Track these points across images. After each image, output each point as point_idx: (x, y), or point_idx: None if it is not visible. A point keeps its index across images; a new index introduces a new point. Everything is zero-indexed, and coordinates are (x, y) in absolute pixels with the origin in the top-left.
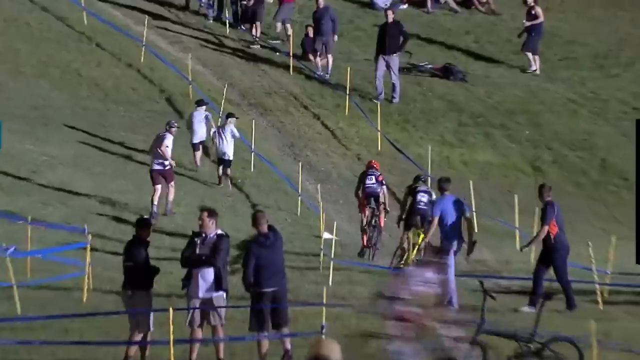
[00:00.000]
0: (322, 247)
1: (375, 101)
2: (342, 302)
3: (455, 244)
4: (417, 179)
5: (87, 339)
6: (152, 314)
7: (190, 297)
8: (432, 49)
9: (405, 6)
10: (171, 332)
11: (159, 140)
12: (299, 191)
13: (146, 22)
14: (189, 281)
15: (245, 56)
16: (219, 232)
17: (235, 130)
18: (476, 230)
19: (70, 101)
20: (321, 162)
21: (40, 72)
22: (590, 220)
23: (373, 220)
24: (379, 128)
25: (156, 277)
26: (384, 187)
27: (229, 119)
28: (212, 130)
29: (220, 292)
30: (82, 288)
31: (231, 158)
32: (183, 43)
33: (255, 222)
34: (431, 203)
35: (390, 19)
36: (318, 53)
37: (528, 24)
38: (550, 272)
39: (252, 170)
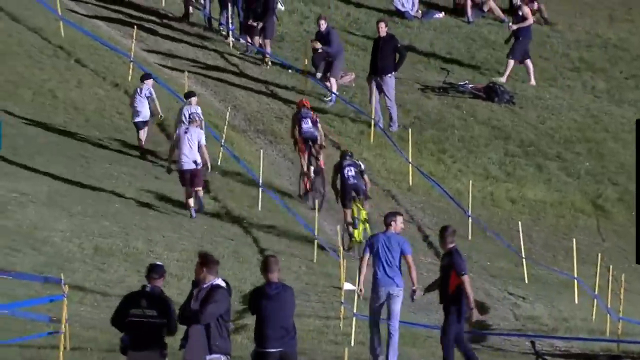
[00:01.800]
0: (342, 300)
1: (407, 128)
2: None
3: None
4: (342, 155)
5: None
6: None
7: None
8: (473, 66)
9: (442, 15)
10: None
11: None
12: (316, 234)
13: (134, 34)
14: (185, 341)
15: (252, 75)
16: (216, 282)
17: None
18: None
19: (44, 128)
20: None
21: (8, 93)
22: None
23: (314, 165)
24: (410, 159)
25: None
26: (319, 126)
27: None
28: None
29: (215, 356)
30: (58, 349)
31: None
32: (179, 59)
33: (265, 268)
34: (360, 174)
35: (383, 33)
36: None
37: (514, 27)
38: None
39: (259, 208)
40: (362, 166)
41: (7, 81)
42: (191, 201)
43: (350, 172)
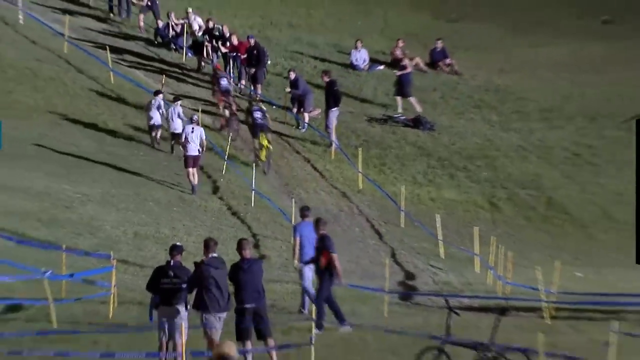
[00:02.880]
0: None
1: (357, 147)
2: (328, 318)
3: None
4: (250, 103)
5: (113, 350)
6: (182, 328)
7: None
8: (405, 103)
9: (382, 67)
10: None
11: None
12: (293, 223)
13: (163, 80)
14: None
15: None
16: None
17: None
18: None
19: (99, 147)
20: (311, 198)
21: (74, 123)
22: (537, 248)
23: (228, 110)
24: (360, 170)
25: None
26: (231, 81)
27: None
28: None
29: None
30: (109, 305)
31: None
32: (194, 99)
33: (239, 247)
34: (265, 116)
35: (326, 79)
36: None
37: (399, 73)
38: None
39: (252, 205)
40: (265, 110)
41: (73, 114)
42: (192, 178)
43: (257, 114)
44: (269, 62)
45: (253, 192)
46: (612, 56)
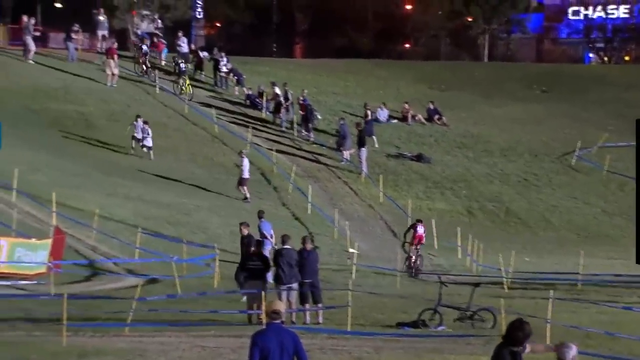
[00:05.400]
0: (348, 257)
1: (379, 174)
2: (359, 288)
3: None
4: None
5: (216, 309)
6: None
7: None
8: (411, 145)
9: (395, 121)
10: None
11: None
12: (335, 225)
13: (250, 130)
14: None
15: (304, 148)
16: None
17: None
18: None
19: (207, 175)
20: (348, 208)
21: (191, 159)
22: (499, 242)
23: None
24: (380, 189)
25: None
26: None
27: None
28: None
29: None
30: (214, 280)
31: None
32: (271, 142)
33: (302, 241)
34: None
35: (358, 129)
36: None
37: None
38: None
39: (309, 213)
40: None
41: (189, 153)
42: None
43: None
44: (319, 117)
45: (309, 204)
46: (548, 114)
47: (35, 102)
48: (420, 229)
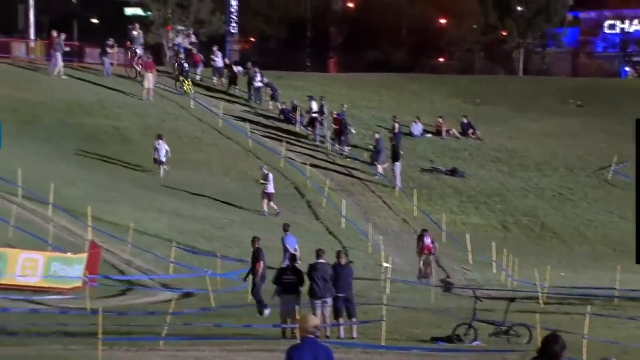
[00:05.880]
0: (382, 271)
1: (413, 189)
2: (394, 303)
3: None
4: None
5: (250, 323)
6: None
7: None
8: (445, 160)
9: (430, 135)
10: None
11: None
12: (370, 239)
13: (284, 145)
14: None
15: (338, 162)
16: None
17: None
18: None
19: (241, 189)
20: (382, 223)
21: (225, 173)
22: (535, 257)
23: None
24: (415, 203)
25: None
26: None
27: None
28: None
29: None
30: (248, 294)
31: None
32: (305, 156)
33: (337, 256)
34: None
35: (392, 143)
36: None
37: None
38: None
39: (343, 227)
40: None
41: (224, 167)
42: (271, 206)
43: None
44: (353, 131)
45: (343, 218)
46: (584, 128)
47: (70, 116)
48: (427, 240)
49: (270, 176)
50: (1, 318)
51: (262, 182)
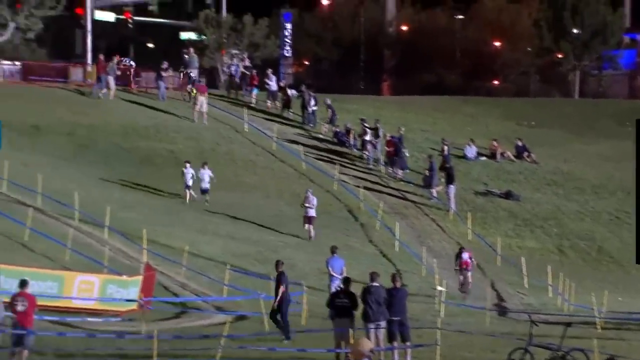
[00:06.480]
0: (436, 294)
1: (467, 212)
2: (448, 326)
3: (338, 282)
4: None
5: (305, 347)
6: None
7: None
8: (500, 182)
9: (484, 158)
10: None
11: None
12: (423, 262)
13: (337, 167)
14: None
15: (392, 185)
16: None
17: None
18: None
19: (295, 212)
20: (436, 246)
21: (279, 196)
22: (591, 281)
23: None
24: (469, 226)
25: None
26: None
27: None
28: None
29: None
30: (301, 317)
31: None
32: (358, 179)
33: (392, 279)
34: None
35: (447, 166)
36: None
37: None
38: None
39: (396, 250)
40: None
41: (278, 190)
42: (311, 231)
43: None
44: (407, 154)
45: (397, 241)
46: None
47: (126, 140)
48: (465, 255)
49: (312, 199)
50: (58, 341)
51: (306, 205)
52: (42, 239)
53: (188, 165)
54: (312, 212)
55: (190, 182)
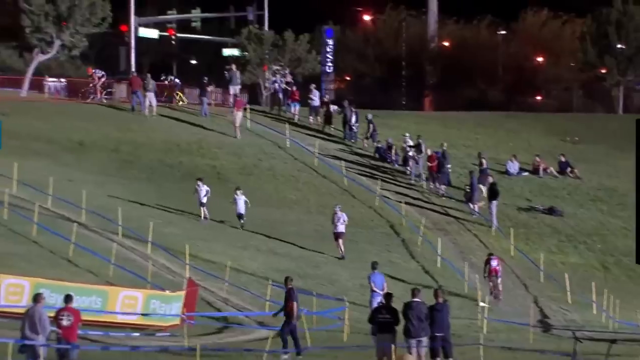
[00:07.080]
0: (479, 310)
1: (510, 227)
2: (491, 343)
3: (380, 298)
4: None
5: None
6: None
7: None
8: (542, 198)
9: (527, 173)
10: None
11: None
12: (466, 278)
13: (379, 183)
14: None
15: (434, 200)
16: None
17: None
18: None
19: (327, 222)
20: (478, 262)
21: (321, 211)
22: (637, 298)
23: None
24: (512, 242)
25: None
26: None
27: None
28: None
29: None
30: (343, 333)
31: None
32: (400, 195)
33: (434, 295)
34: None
35: (490, 181)
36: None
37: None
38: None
39: (438, 266)
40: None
41: (319, 205)
42: (341, 246)
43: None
44: (449, 170)
45: (439, 257)
46: None
47: (168, 156)
48: (494, 262)
49: (342, 216)
50: (101, 355)
51: (336, 222)
52: (87, 254)
53: (200, 182)
54: (342, 228)
55: (204, 200)
